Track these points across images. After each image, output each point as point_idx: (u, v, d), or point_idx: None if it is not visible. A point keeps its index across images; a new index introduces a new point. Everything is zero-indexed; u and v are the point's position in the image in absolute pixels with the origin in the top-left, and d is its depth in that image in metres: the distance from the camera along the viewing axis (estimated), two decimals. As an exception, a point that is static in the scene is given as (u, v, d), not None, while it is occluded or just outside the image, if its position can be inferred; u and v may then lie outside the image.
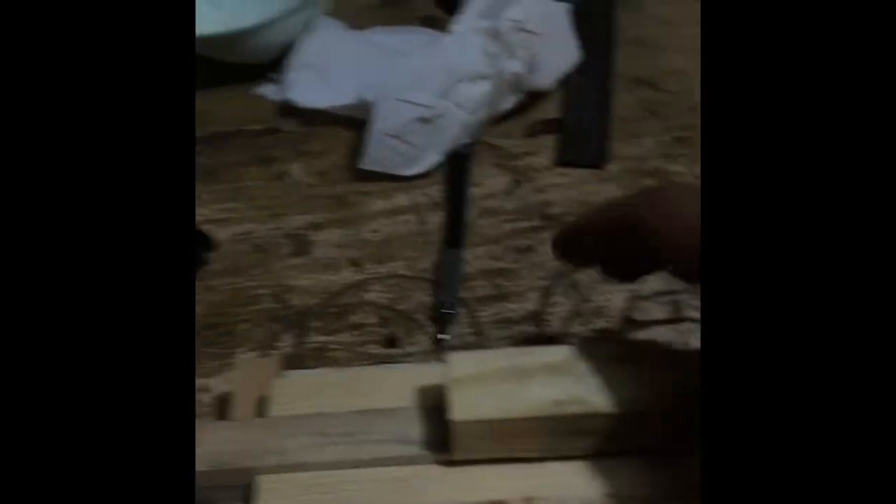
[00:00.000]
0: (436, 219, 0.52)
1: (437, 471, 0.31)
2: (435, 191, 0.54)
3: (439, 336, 0.44)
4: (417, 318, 0.46)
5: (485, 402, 0.29)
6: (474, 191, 0.53)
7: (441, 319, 0.45)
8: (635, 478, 0.30)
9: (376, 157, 0.53)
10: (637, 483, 0.30)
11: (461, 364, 0.31)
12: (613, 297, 0.46)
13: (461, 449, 0.30)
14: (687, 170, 0.54)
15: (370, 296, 0.48)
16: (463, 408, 0.29)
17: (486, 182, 0.54)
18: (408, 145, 0.53)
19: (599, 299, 0.46)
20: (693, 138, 0.57)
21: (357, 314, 0.47)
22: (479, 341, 0.44)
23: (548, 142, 0.57)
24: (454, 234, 0.50)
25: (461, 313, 0.46)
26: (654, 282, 0.47)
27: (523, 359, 0.31)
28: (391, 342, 0.45)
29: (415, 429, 0.32)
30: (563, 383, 0.30)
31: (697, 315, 0.45)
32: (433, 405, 0.31)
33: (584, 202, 0.52)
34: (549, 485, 0.30)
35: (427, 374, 0.33)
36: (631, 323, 0.45)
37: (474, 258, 0.49)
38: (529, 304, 0.46)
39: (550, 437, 0.30)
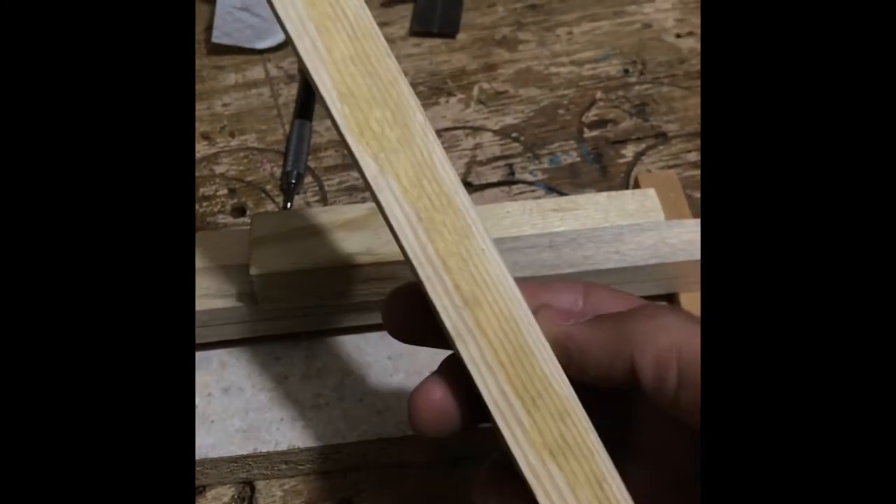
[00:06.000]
0: (290, 92, 0.53)
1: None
2: (289, 64, 0.55)
3: (286, 205, 0.46)
4: (266, 189, 0.48)
5: (282, 257, 0.32)
6: (328, 63, 0.54)
7: (288, 189, 0.47)
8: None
9: (226, 30, 0.53)
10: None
11: (264, 224, 0.33)
12: (452, 163, 0.49)
13: (265, 299, 0.33)
14: (536, 38, 0.56)
15: (220, 168, 0.49)
16: (261, 263, 0.32)
17: (341, 54, 0.55)
18: (258, 18, 0.53)
19: (440, 165, 0.49)
20: (546, 6, 0.58)
21: (207, 186, 0.48)
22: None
23: (404, 11, 0.58)
24: (304, 106, 0.51)
25: (308, 183, 0.48)
26: (489, 147, 0.49)
27: (324, 217, 0.33)
28: (239, 212, 0.47)
29: (232, 284, 0.34)
30: (359, 237, 0.33)
31: (529, 178, 0.48)
32: (245, 262, 0.34)
33: (435, 72, 0.54)
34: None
35: (243, 235, 0.36)
36: (467, 185, 0.48)
37: (324, 129, 0.51)
38: (374, 171, 0.48)
39: (348, 285, 0.33)
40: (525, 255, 0.36)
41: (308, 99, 0.52)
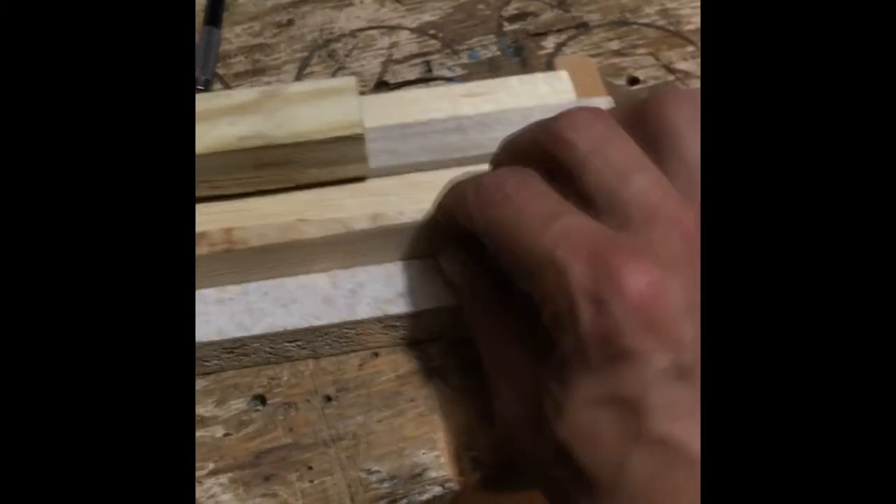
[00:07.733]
0: (199, 0, 0.51)
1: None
2: (198, -28, 0.52)
3: (195, 112, 0.45)
4: (175, 98, 0.46)
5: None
6: (238, -31, 0.52)
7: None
8: (324, 203, 0.32)
9: (126, -64, 0.51)
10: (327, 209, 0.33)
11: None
12: (368, 63, 0.47)
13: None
14: (455, -64, 0.54)
15: (126, 79, 0.47)
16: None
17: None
18: (160, -78, 0.51)
19: (354, 66, 0.47)
20: None
21: (112, 98, 0.46)
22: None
23: (318, -85, 0.55)
24: (213, 13, 0.49)
25: (218, 89, 0.46)
26: (406, 45, 0.48)
27: (214, 101, 0.32)
28: (147, 122, 0.45)
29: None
30: (250, 121, 0.31)
31: (448, 74, 0.46)
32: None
33: (349, -26, 0.52)
34: (247, 216, 0.32)
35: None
36: (384, 84, 0.46)
37: (234, 36, 0.49)
38: (286, 76, 0.47)
39: (240, 172, 0.31)
40: (432, 140, 0.35)
41: (217, 6, 0.50)
